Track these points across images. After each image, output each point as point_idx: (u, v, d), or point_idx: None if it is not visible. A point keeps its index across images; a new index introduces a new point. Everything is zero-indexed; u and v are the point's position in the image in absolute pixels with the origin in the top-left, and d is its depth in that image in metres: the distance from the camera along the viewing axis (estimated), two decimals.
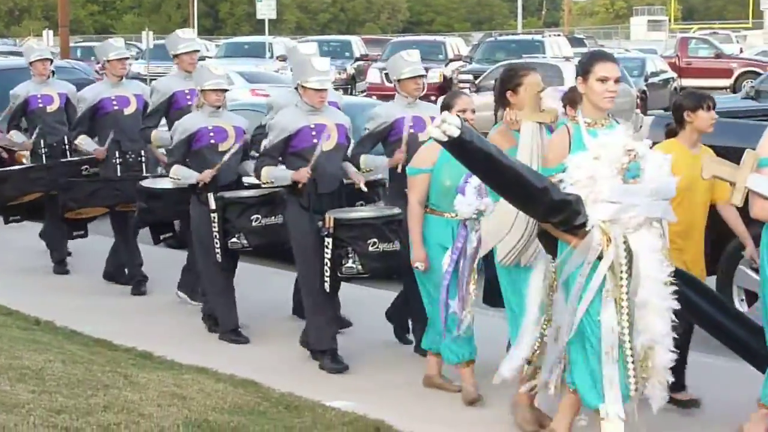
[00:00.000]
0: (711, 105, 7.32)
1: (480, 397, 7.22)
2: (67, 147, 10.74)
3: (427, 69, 10.24)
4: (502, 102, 6.96)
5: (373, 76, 28.65)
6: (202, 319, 8.90)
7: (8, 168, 10.51)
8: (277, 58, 32.05)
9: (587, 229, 5.77)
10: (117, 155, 10.22)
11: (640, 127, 14.90)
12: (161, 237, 9.95)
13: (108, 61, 10.53)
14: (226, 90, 8.76)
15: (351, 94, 28.62)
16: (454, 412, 7.59)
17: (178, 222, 10.34)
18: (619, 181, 5.93)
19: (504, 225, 6.44)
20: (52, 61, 11.29)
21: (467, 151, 5.68)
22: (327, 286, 7.78)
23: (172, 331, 9.57)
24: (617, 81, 6.17)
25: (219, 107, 8.59)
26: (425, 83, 8.58)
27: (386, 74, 31.29)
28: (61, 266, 10.86)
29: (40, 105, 10.66)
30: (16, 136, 11.01)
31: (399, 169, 8.17)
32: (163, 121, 10.34)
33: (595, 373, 5.87)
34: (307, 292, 8.17)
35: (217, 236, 8.30)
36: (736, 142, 9.08)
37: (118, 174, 10.15)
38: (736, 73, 29.25)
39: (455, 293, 7.10)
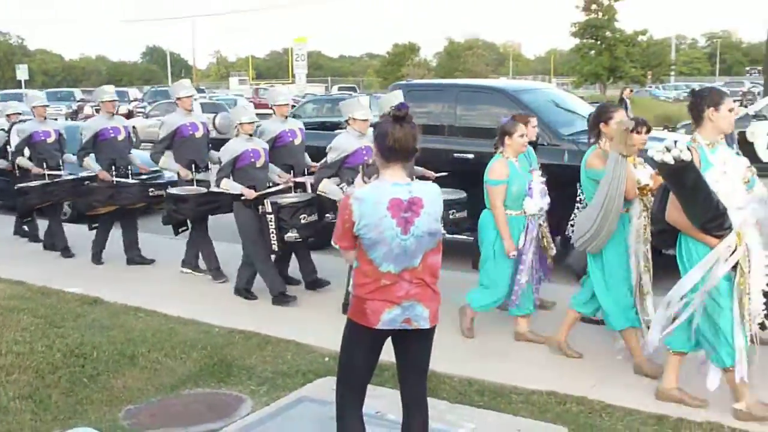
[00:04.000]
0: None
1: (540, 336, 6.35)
2: (61, 167, 9.74)
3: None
4: (596, 132, 5.54)
5: (87, 110, 27.24)
6: (235, 292, 7.58)
7: (31, 183, 9.39)
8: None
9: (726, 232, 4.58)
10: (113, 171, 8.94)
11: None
12: (179, 230, 8.52)
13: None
14: (256, 122, 7.79)
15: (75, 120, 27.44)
16: (155, 289, 7.89)
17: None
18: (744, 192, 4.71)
19: (588, 220, 5.29)
20: (48, 105, 10.45)
21: (688, 171, 4.29)
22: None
23: None
24: None
25: (251, 135, 7.55)
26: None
27: (97, 109, 29.50)
28: (66, 252, 9.52)
29: (42, 138, 9.60)
30: (25, 162, 9.71)
31: None
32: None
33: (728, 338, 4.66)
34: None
35: (275, 232, 7.14)
36: None
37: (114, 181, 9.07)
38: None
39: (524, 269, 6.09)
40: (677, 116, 23.19)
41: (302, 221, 7.18)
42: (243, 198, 7.36)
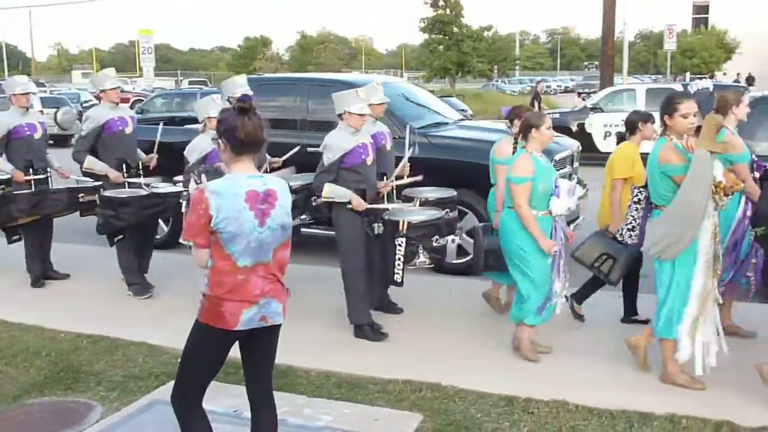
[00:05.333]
0: None
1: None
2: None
3: None
4: (663, 124, 5.13)
5: None
6: None
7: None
8: None
9: None
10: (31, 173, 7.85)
11: None
12: (115, 240, 7.39)
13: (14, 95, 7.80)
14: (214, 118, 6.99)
15: None
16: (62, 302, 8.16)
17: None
18: None
19: (671, 225, 4.80)
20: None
21: None
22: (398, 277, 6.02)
23: None
24: None
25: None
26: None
27: None
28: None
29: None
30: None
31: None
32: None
33: None
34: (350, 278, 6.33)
35: None
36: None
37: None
38: (131, 101, 28.75)
39: (556, 275, 5.62)
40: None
41: None
42: None
